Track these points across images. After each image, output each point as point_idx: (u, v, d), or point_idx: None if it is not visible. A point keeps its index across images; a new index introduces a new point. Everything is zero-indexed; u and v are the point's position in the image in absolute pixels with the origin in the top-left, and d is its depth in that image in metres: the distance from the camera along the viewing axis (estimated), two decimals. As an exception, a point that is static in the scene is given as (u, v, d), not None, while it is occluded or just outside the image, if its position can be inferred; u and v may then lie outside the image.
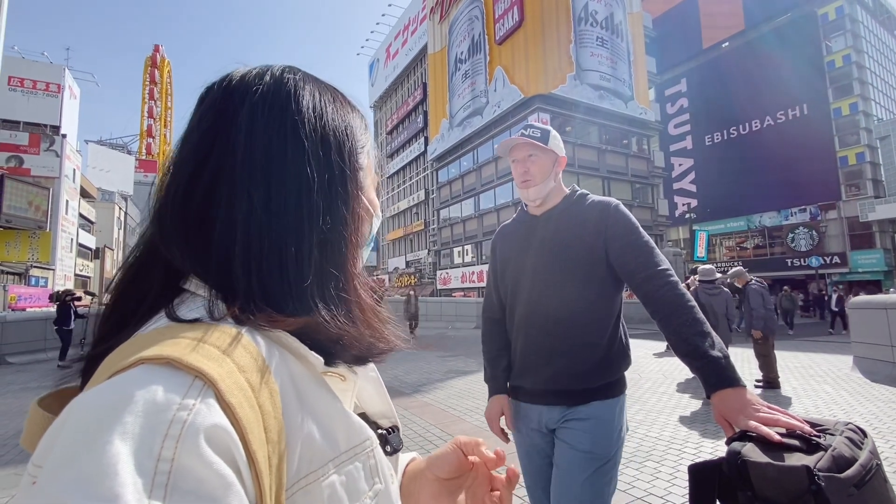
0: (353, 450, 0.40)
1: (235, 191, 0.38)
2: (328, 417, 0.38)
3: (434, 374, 7.17)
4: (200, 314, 0.36)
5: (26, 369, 8.55)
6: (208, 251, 0.38)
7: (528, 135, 1.42)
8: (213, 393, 0.29)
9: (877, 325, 6.25)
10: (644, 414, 4.66)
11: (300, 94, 0.43)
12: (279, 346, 0.38)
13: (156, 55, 55.63)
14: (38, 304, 23.08)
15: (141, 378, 0.28)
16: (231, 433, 0.29)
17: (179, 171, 0.40)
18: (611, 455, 1.29)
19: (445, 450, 0.55)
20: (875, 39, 34.01)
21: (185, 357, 0.30)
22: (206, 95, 0.43)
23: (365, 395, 0.51)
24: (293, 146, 0.40)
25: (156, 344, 0.31)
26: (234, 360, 0.32)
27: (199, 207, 0.39)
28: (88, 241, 33.82)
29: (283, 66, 0.45)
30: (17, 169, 25.78)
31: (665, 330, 1.18)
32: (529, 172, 1.42)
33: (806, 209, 31.80)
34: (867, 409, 4.70)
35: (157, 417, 0.27)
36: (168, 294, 0.39)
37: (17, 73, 28.27)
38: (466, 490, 0.55)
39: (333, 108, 0.45)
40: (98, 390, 0.29)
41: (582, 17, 28.90)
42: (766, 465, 0.72)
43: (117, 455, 0.24)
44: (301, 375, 0.38)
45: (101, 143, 46.35)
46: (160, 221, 0.40)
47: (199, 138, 0.41)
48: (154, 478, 0.25)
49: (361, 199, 0.47)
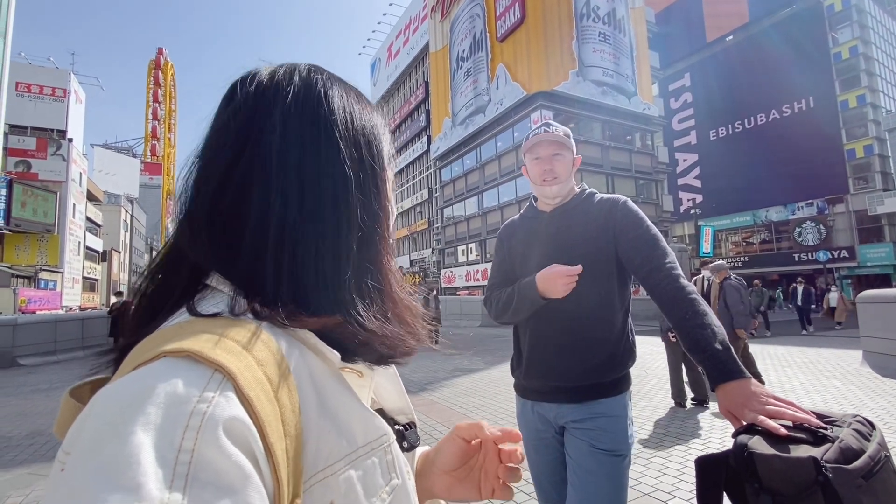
0: (370, 445, 0.40)
1: (270, 190, 0.39)
2: (345, 412, 0.39)
3: (439, 372, 7.18)
4: (221, 309, 0.37)
5: (37, 371, 8.65)
6: (236, 249, 0.39)
7: (553, 131, 1.42)
8: (231, 386, 0.30)
9: (887, 320, 6.19)
10: (651, 410, 4.66)
11: (330, 94, 0.43)
12: (298, 341, 0.38)
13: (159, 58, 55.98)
14: (47, 307, 23.36)
15: (162, 371, 0.29)
16: (249, 426, 0.29)
17: (209, 169, 0.41)
18: (628, 451, 1.30)
19: (447, 441, 0.54)
20: (882, 30, 33.51)
21: (205, 351, 0.30)
22: (233, 93, 0.43)
23: (382, 392, 0.52)
24: (327, 146, 0.41)
25: (177, 338, 0.32)
26: (252, 355, 0.33)
27: (230, 205, 0.39)
28: (95, 243, 34.19)
29: (308, 65, 0.46)
30: (25, 173, 26.09)
31: (670, 324, 1.19)
32: (555, 171, 1.41)
33: (813, 203, 31.46)
34: (877, 403, 4.66)
35: (178, 409, 0.27)
36: (193, 289, 0.40)
37: (23, 78, 28.57)
38: (480, 471, 0.54)
39: (360, 108, 0.45)
40: (122, 382, 0.29)
41: (584, 12, 28.74)
42: (772, 457, 0.72)
43: (140, 445, 0.25)
44: (319, 371, 0.38)
45: (106, 147, 46.76)
46: (189, 218, 0.41)
47: (231, 138, 0.41)
48: (175, 468, 0.25)
49: (389, 195, 0.48)
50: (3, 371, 8.62)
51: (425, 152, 40.74)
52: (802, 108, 32.28)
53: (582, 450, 1.29)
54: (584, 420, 1.30)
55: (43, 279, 25.65)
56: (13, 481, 3.27)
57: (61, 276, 26.97)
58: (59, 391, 6.28)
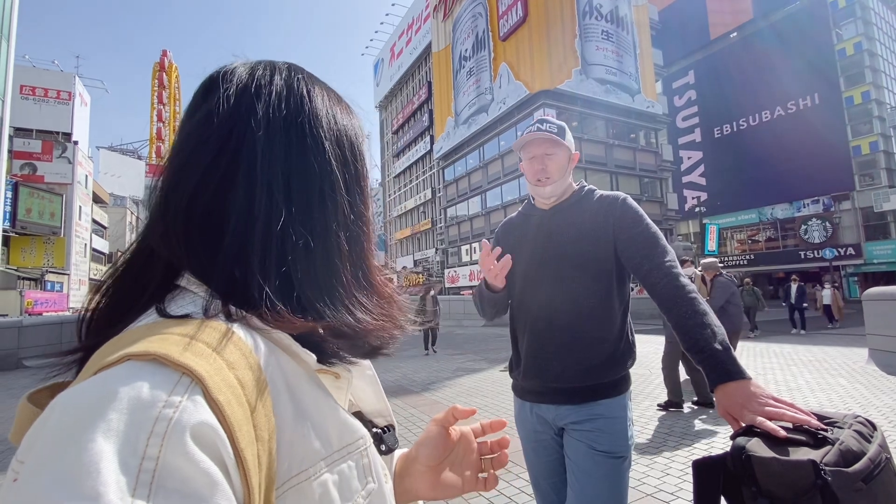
0: (346, 448, 0.39)
1: (254, 189, 0.38)
2: (320, 415, 0.38)
3: (443, 372, 7.18)
4: (191, 310, 0.35)
5: (42, 373, 8.69)
6: (215, 249, 0.37)
7: (546, 129, 1.37)
8: (200, 390, 0.29)
9: (893, 318, 6.13)
10: (654, 410, 4.63)
11: (312, 94, 0.43)
12: (272, 343, 0.37)
13: (164, 59, 56.26)
14: (54, 309, 23.54)
15: (126, 375, 0.28)
16: (218, 431, 0.28)
17: (187, 167, 0.39)
18: (628, 452, 1.28)
19: (425, 434, 0.54)
20: (887, 26, 33.22)
21: (172, 353, 0.29)
22: (209, 88, 0.42)
23: (360, 394, 0.51)
24: (313, 144, 0.41)
25: (143, 340, 0.30)
26: (223, 357, 0.32)
27: (208, 204, 0.38)
28: (102, 245, 34.40)
29: (287, 63, 0.45)
30: (31, 176, 26.29)
31: (669, 323, 1.17)
32: (548, 170, 1.37)
33: (819, 200, 31.25)
34: (883, 401, 4.61)
35: (143, 415, 0.26)
36: (163, 290, 0.38)
37: (28, 81, 28.79)
38: (460, 463, 0.54)
39: (340, 109, 0.46)
40: (82, 387, 0.28)
41: (586, 10, 28.65)
42: (770, 459, 0.71)
43: (100, 453, 0.24)
44: (293, 373, 0.37)
45: (111, 149, 47.06)
46: (163, 215, 0.39)
47: (213, 136, 0.39)
48: (138, 476, 0.24)
49: (370, 195, 0.48)
50: (9, 373, 8.68)
51: (428, 152, 40.73)
52: (807, 105, 32.07)
53: (581, 452, 1.27)
54: (583, 421, 1.29)
55: (49, 281, 25.85)
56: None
57: (67, 278, 27.17)
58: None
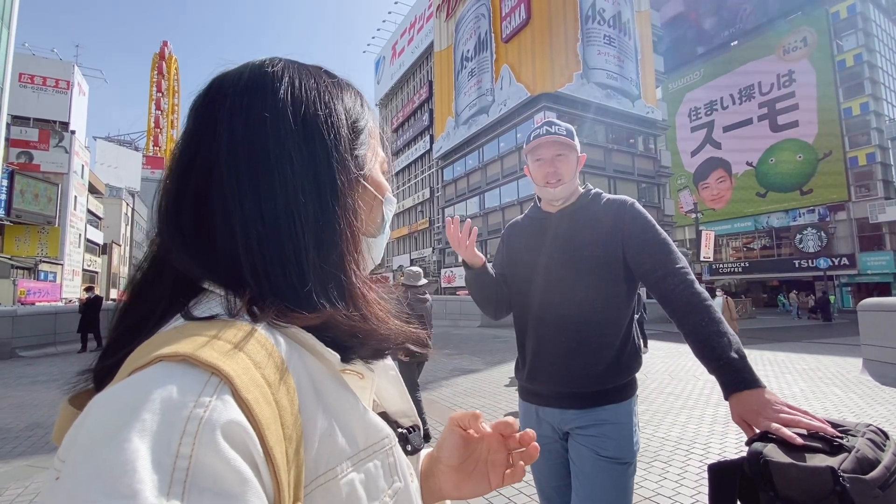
0: (372, 447, 0.39)
1: (226, 196, 0.38)
2: (346, 415, 0.38)
3: (439, 371, 7.18)
4: (216, 311, 0.36)
5: (36, 363, 8.64)
6: (214, 254, 0.38)
7: (555, 132, 1.38)
8: (229, 389, 0.29)
9: (887, 328, 6.19)
10: (651, 414, 4.65)
11: (276, 85, 0.41)
12: (296, 342, 0.38)
13: (164, 49, 56.04)
14: (47, 298, 23.36)
15: (158, 376, 0.29)
16: (248, 429, 0.29)
17: (174, 178, 0.40)
18: (633, 458, 1.28)
19: (446, 434, 0.53)
20: (888, 38, 33.49)
21: (201, 354, 0.30)
22: (207, 96, 0.42)
23: (385, 394, 0.51)
24: (274, 143, 0.39)
25: (172, 342, 0.31)
26: (249, 356, 0.32)
27: (194, 209, 0.39)
28: (96, 236, 34.17)
29: (264, 58, 0.44)
30: (27, 165, 26.08)
31: (682, 330, 1.17)
32: (559, 172, 1.38)
33: (815, 210, 31.47)
34: (877, 412, 4.66)
35: (175, 414, 0.27)
36: (189, 292, 0.39)
37: (27, 69, 28.54)
38: (486, 463, 0.53)
39: (317, 93, 0.42)
40: (116, 388, 0.29)
41: (589, 15, 28.70)
42: (788, 465, 0.72)
43: (136, 452, 0.25)
44: (318, 372, 0.38)
45: (109, 140, 46.73)
46: (162, 227, 0.40)
47: (185, 145, 0.40)
48: (172, 474, 0.25)
49: (361, 186, 0.45)
50: (3, 362, 8.62)
51: (428, 151, 40.70)
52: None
53: (585, 457, 1.27)
54: (589, 426, 1.28)
55: (43, 271, 25.65)
56: (12, 473, 3.27)
57: (61, 268, 26.96)
58: (58, 383, 6.27)
